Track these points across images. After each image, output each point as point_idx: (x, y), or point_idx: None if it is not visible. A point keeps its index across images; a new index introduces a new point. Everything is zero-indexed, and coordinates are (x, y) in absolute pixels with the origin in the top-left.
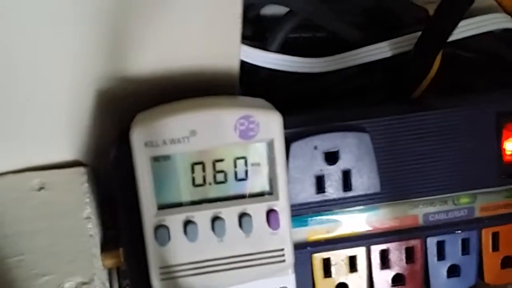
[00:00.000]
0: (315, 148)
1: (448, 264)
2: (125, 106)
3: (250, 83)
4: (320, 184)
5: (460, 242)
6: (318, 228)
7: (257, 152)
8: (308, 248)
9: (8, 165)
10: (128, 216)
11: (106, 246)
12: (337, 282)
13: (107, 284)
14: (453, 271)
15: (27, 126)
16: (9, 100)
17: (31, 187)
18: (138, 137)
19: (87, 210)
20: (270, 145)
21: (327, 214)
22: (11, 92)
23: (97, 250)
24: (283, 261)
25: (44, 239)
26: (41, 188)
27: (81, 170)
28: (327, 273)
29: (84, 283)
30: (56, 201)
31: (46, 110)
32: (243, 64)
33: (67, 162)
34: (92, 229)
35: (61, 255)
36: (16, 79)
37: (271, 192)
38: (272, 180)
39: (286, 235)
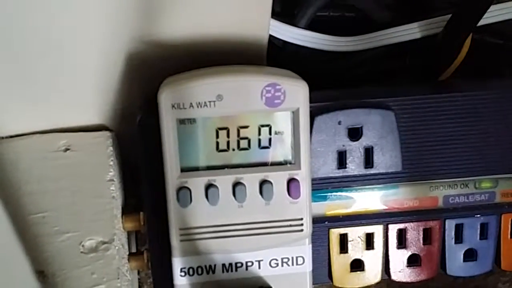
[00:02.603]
0: (339, 123)
1: (465, 248)
2: (153, 71)
3: (277, 58)
4: (341, 159)
5: (478, 226)
6: (337, 204)
7: (281, 120)
8: (326, 222)
9: (36, 125)
10: (150, 180)
11: (127, 210)
12: (353, 258)
13: (126, 247)
14: (470, 255)
15: (55, 88)
16: (38, 62)
17: (57, 148)
18: (166, 98)
19: (111, 172)
20: (295, 114)
21: (346, 190)
22: (41, 54)
23: (118, 212)
24: (301, 230)
25: (67, 198)
26: (67, 149)
27: (107, 134)
28: (343, 249)
29: (104, 242)
30: (81, 162)
31: (75, 72)
32: (271, 38)
33: (93, 125)
34: (114, 192)
35: (83, 214)
36: (46, 40)
37: (293, 162)
38: (295, 149)
39: (305, 205)
